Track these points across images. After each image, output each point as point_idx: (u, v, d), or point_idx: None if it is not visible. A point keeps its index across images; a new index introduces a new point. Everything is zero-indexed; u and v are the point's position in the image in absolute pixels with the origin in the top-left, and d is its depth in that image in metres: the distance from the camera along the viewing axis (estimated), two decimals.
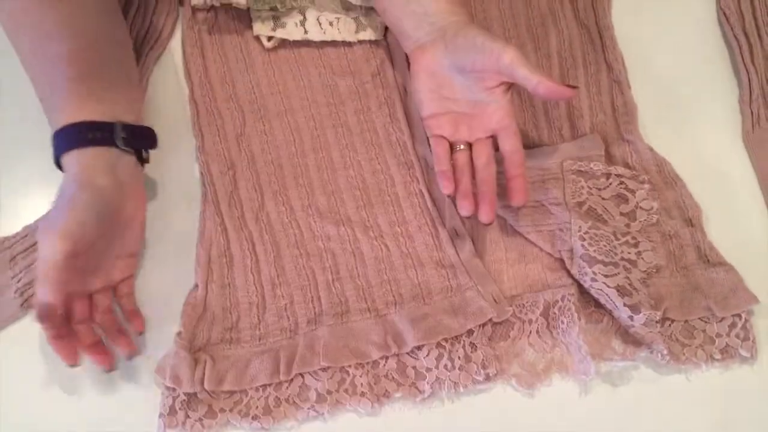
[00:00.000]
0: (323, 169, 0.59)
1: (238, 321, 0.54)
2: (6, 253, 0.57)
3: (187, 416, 0.51)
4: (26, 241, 0.57)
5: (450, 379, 0.51)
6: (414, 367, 0.52)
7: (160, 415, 0.51)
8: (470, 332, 0.52)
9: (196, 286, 0.56)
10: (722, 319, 0.52)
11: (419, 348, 0.52)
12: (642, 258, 0.52)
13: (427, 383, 0.52)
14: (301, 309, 0.55)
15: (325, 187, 0.58)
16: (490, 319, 0.52)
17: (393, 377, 0.52)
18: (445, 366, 0.52)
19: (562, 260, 0.54)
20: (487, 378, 0.51)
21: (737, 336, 0.52)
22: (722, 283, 0.53)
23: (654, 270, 0.53)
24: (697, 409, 0.52)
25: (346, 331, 0.53)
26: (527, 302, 0.54)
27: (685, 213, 0.55)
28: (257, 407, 0.52)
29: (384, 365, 0.52)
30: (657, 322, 0.50)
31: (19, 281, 0.56)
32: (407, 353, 0.52)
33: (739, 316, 0.52)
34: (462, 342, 0.52)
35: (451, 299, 0.54)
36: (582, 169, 0.55)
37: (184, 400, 0.51)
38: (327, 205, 0.57)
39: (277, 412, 0.52)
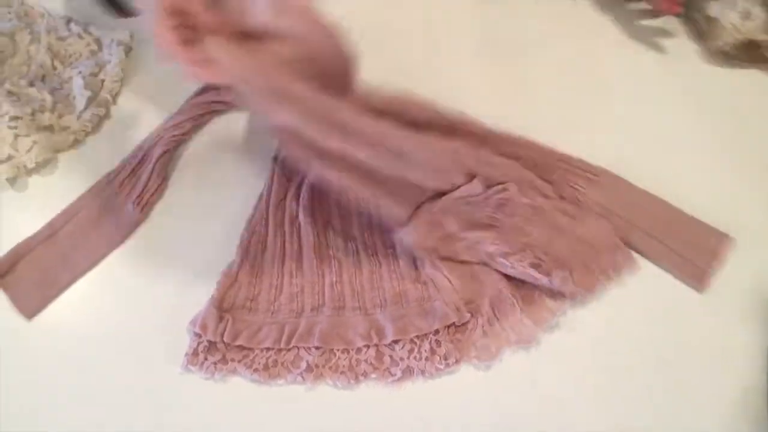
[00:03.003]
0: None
1: (259, 295, 0.63)
2: (115, 181, 0.70)
3: (206, 359, 0.60)
4: (127, 169, 0.70)
5: (418, 368, 0.59)
6: (390, 356, 0.60)
7: (186, 354, 0.60)
8: (437, 331, 0.60)
9: (234, 261, 0.65)
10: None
11: (396, 342, 0.60)
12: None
13: (399, 369, 0.59)
14: (308, 298, 0.63)
15: (341, 212, 0.67)
16: (453, 322, 0.61)
17: (371, 362, 0.60)
18: (415, 357, 0.59)
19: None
20: (447, 366, 0.59)
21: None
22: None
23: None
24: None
25: (340, 322, 0.61)
26: (477, 302, 0.62)
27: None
28: (259, 363, 0.60)
29: (365, 352, 0.60)
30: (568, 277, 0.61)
31: (131, 196, 0.68)
32: (385, 345, 0.60)
33: None
34: (429, 339, 0.60)
35: (423, 306, 0.62)
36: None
37: (206, 346, 0.60)
38: (341, 225, 0.67)
39: (273, 371, 0.60)
